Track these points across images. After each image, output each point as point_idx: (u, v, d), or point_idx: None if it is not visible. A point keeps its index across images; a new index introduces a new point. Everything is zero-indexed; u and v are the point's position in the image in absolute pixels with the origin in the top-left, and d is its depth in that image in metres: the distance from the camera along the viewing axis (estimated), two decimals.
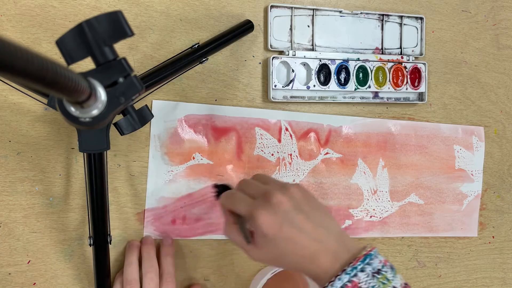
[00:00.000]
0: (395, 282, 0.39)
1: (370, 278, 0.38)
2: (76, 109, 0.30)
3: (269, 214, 0.39)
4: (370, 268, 0.38)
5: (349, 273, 0.37)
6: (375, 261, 0.39)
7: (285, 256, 0.40)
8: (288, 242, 0.39)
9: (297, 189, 0.42)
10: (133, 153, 0.53)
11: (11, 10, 0.50)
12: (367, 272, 0.38)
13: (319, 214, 0.41)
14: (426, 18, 0.64)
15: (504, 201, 0.69)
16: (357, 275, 0.37)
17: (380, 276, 0.38)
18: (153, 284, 0.48)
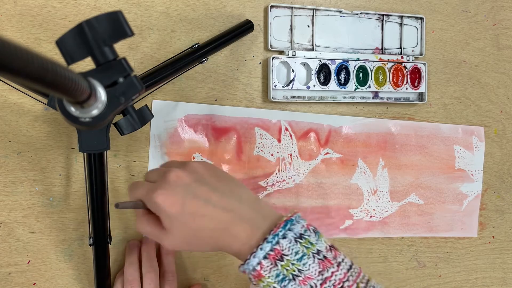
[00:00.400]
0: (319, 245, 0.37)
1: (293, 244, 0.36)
2: (76, 109, 0.30)
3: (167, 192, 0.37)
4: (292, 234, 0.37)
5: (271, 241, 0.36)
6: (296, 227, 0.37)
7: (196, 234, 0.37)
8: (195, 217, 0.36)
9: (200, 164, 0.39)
10: (133, 153, 0.53)
11: (11, 10, 0.50)
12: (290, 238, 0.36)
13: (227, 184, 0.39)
14: (426, 18, 0.64)
15: (504, 201, 0.69)
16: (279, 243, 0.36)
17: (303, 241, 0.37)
18: (153, 285, 0.48)
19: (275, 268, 0.36)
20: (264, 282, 0.36)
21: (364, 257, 0.62)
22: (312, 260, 0.36)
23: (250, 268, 0.36)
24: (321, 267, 0.36)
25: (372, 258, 0.62)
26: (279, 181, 0.58)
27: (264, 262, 0.36)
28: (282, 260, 0.36)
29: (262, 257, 0.36)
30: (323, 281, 0.36)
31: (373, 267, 0.62)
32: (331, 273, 0.36)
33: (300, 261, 0.36)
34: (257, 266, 0.36)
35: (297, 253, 0.36)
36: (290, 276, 0.35)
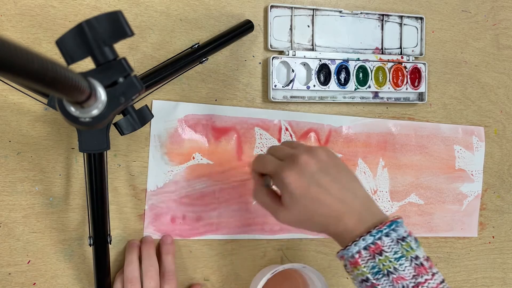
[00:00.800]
0: (418, 252, 0.39)
1: (395, 243, 0.38)
2: (76, 109, 0.30)
3: (296, 174, 0.40)
4: (395, 234, 0.39)
5: (374, 235, 0.38)
6: (400, 229, 0.39)
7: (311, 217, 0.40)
8: (314, 202, 0.40)
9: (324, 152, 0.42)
10: (133, 153, 0.53)
11: (11, 10, 0.50)
12: (392, 238, 0.38)
13: (346, 177, 0.42)
14: (426, 18, 0.64)
15: (504, 201, 0.69)
16: (381, 239, 0.38)
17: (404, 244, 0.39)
18: (153, 283, 0.48)
19: (372, 260, 0.38)
20: (359, 270, 0.39)
21: None
22: (409, 263, 0.38)
23: (349, 254, 0.39)
24: (416, 272, 0.38)
25: None
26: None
27: (363, 252, 0.38)
28: (381, 255, 0.38)
29: (362, 247, 0.38)
30: (416, 285, 0.37)
31: None
32: (425, 280, 0.38)
33: (397, 260, 0.38)
34: (356, 254, 0.39)
35: (396, 253, 0.38)
36: (385, 271, 0.38)
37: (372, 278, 0.38)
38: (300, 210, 0.40)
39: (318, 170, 0.41)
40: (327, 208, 0.40)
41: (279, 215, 0.42)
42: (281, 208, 0.42)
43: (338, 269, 0.61)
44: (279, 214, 0.42)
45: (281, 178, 0.40)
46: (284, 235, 0.58)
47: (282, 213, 0.42)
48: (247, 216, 0.57)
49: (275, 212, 0.42)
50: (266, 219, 0.58)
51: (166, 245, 0.53)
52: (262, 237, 0.58)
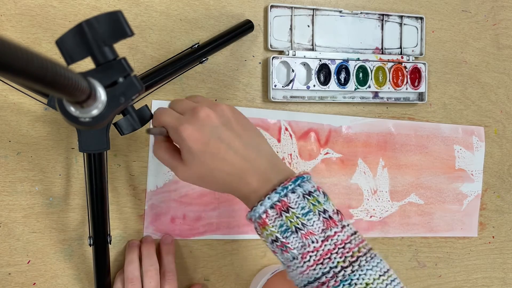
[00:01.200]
0: (326, 206, 0.38)
1: (301, 199, 0.37)
2: (76, 109, 0.30)
3: (195, 128, 0.38)
4: (301, 190, 0.38)
5: (279, 192, 0.37)
6: (307, 185, 0.38)
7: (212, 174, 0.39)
8: (215, 158, 0.38)
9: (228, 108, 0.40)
10: (133, 153, 0.53)
11: (11, 10, 0.49)
12: (298, 193, 0.37)
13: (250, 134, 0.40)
14: (426, 18, 0.64)
15: (504, 201, 0.69)
16: (287, 195, 0.37)
17: (311, 198, 0.37)
18: (154, 283, 0.48)
19: (279, 218, 0.37)
20: (268, 231, 0.37)
21: None
22: (317, 218, 0.37)
23: (256, 215, 0.38)
24: (325, 225, 0.37)
25: None
26: None
27: (270, 211, 0.37)
28: (287, 212, 0.37)
29: (268, 206, 0.37)
30: (325, 238, 0.36)
31: None
32: (334, 233, 0.37)
33: (305, 216, 0.37)
34: (263, 214, 0.37)
35: (303, 208, 0.37)
36: (293, 228, 0.36)
37: (281, 237, 0.37)
38: (199, 166, 0.38)
39: (219, 125, 0.39)
40: (228, 165, 0.38)
41: (178, 172, 0.40)
42: (180, 164, 0.40)
43: None
44: (178, 170, 0.40)
45: (178, 132, 0.38)
46: None
47: (181, 169, 0.40)
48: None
49: (174, 168, 0.40)
50: None
51: (166, 245, 0.53)
52: None
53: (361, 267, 0.36)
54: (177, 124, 0.38)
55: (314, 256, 0.36)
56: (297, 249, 0.37)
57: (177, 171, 0.40)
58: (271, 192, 0.37)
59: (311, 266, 0.36)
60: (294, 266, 0.37)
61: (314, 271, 0.36)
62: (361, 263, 0.36)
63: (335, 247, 0.36)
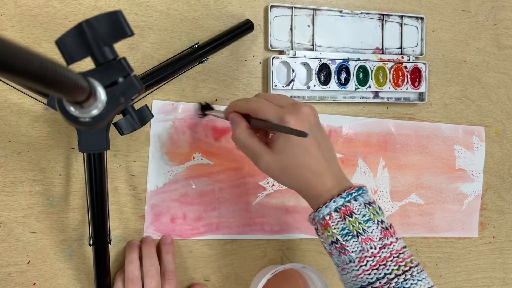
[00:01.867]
0: (383, 217, 0.40)
1: (362, 207, 0.40)
2: (76, 109, 0.29)
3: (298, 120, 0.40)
4: (362, 199, 0.40)
5: (344, 198, 0.40)
6: (366, 195, 0.41)
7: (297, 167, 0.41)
8: (306, 153, 0.41)
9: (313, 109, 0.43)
10: (133, 153, 0.53)
11: (11, 10, 0.49)
12: (360, 202, 0.40)
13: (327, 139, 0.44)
14: (427, 18, 0.64)
15: (505, 201, 0.69)
16: (351, 202, 0.40)
17: (371, 208, 0.40)
18: (154, 283, 0.48)
19: (342, 222, 0.39)
20: (329, 232, 0.40)
21: None
22: (376, 226, 0.39)
23: (320, 216, 0.40)
24: (383, 234, 0.39)
25: None
26: None
27: (334, 214, 0.40)
28: (351, 216, 0.39)
29: (333, 209, 0.39)
30: (382, 246, 0.39)
31: None
32: (390, 242, 0.39)
33: (366, 223, 0.39)
34: (326, 216, 0.40)
35: (364, 216, 0.39)
36: (355, 232, 0.39)
37: (341, 239, 0.39)
38: (289, 157, 0.40)
39: (315, 124, 0.42)
40: (314, 162, 0.41)
41: (263, 159, 0.41)
42: (267, 152, 0.41)
43: None
44: (264, 157, 0.41)
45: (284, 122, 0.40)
46: (284, 235, 0.58)
47: (267, 156, 0.41)
48: (247, 216, 0.57)
49: (260, 155, 0.41)
50: (266, 219, 0.58)
51: (166, 245, 0.53)
52: (262, 237, 0.58)
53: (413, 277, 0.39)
54: (281, 114, 0.40)
55: (371, 261, 0.38)
56: (355, 252, 0.39)
57: (261, 158, 0.42)
58: (337, 196, 0.40)
59: (367, 271, 0.39)
60: (349, 269, 0.40)
61: (369, 276, 0.39)
62: (412, 273, 0.39)
63: (390, 255, 0.39)
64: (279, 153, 0.41)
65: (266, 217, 0.58)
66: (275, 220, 0.58)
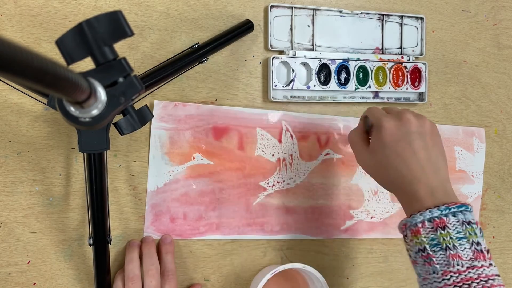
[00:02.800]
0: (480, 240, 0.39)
1: (460, 224, 0.39)
2: (76, 109, 0.30)
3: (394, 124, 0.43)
4: (462, 217, 0.40)
5: (441, 210, 0.40)
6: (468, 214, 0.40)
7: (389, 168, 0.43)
8: (397, 157, 0.43)
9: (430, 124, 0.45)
10: (133, 153, 0.53)
11: (11, 10, 0.49)
12: (459, 218, 0.39)
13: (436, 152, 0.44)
14: (427, 18, 0.64)
15: (505, 201, 0.69)
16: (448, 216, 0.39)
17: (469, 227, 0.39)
18: (155, 282, 0.48)
19: (434, 233, 0.39)
20: (418, 239, 0.40)
21: (364, 257, 0.62)
22: (469, 246, 0.38)
23: (412, 222, 0.41)
24: (475, 256, 0.38)
25: (372, 258, 0.62)
26: (279, 182, 0.58)
27: (427, 224, 0.40)
28: (443, 229, 0.39)
29: (427, 219, 0.40)
30: (471, 266, 0.38)
31: (373, 267, 0.62)
32: (481, 265, 0.38)
33: (458, 240, 0.39)
34: (419, 224, 0.40)
35: (459, 233, 0.39)
36: (444, 245, 0.39)
37: (429, 249, 0.39)
38: (381, 156, 0.43)
39: (415, 132, 0.43)
40: (405, 168, 0.42)
41: (361, 154, 0.46)
42: (365, 149, 0.46)
43: (338, 269, 0.61)
44: (361, 153, 0.46)
45: (380, 123, 0.44)
46: (284, 235, 0.58)
47: (364, 153, 0.45)
48: (247, 216, 0.57)
49: (360, 151, 0.46)
50: (266, 219, 0.58)
51: (165, 245, 0.53)
52: (262, 237, 0.58)
53: None
54: (382, 117, 0.45)
55: (455, 278, 0.38)
56: (440, 265, 0.39)
57: (361, 154, 0.47)
58: (434, 207, 0.40)
59: (449, 285, 0.38)
60: (431, 280, 0.39)
61: None
62: None
63: (478, 277, 0.38)
64: (373, 151, 0.45)
65: (266, 217, 0.58)
66: (275, 220, 0.58)
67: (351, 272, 0.61)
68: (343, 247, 0.61)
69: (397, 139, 0.43)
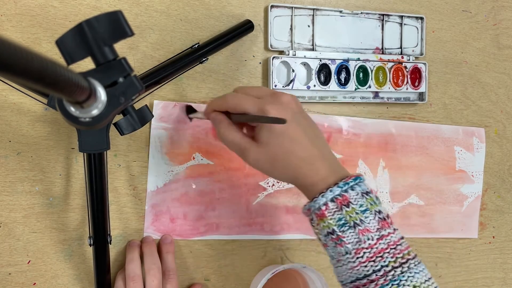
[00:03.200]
0: (380, 207, 0.39)
1: (360, 196, 0.38)
2: (76, 109, 0.30)
3: (279, 109, 0.39)
4: (359, 189, 0.39)
5: (341, 187, 0.38)
6: (363, 185, 0.39)
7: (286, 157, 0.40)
8: (293, 141, 0.39)
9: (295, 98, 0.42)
10: (133, 153, 0.53)
11: (11, 10, 0.49)
12: (357, 191, 0.38)
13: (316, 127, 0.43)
14: (427, 18, 0.64)
15: (505, 201, 0.69)
16: (348, 191, 0.38)
17: (368, 197, 0.39)
18: (156, 281, 0.48)
19: (339, 212, 0.38)
20: (325, 223, 0.38)
21: None
22: (373, 217, 0.38)
23: (316, 206, 0.39)
24: (380, 225, 0.38)
25: None
26: (279, 182, 0.58)
27: (330, 204, 0.38)
28: (348, 206, 0.38)
29: (329, 199, 0.38)
30: (380, 237, 0.37)
31: None
32: (388, 233, 0.38)
33: (363, 213, 0.38)
34: (322, 206, 0.38)
35: (362, 206, 0.38)
36: (352, 223, 0.37)
37: (338, 230, 0.38)
38: (276, 147, 0.39)
39: (298, 111, 0.41)
40: (303, 150, 0.39)
41: (251, 153, 0.40)
42: (254, 145, 0.40)
43: None
44: (251, 151, 0.40)
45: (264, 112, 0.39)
46: (284, 235, 0.58)
47: (255, 150, 0.40)
48: (247, 216, 0.57)
49: (247, 149, 0.41)
50: (266, 219, 0.58)
51: (166, 245, 0.53)
52: (262, 237, 0.58)
53: (410, 269, 0.37)
54: (261, 105, 0.40)
55: (368, 253, 0.37)
56: (351, 244, 0.37)
57: (249, 152, 0.41)
58: (333, 185, 0.38)
59: (363, 263, 0.37)
60: (345, 261, 0.38)
61: (365, 268, 0.37)
62: (410, 265, 0.37)
63: (387, 247, 0.37)
64: (265, 144, 0.40)
65: (266, 217, 0.58)
66: (275, 220, 0.58)
67: None
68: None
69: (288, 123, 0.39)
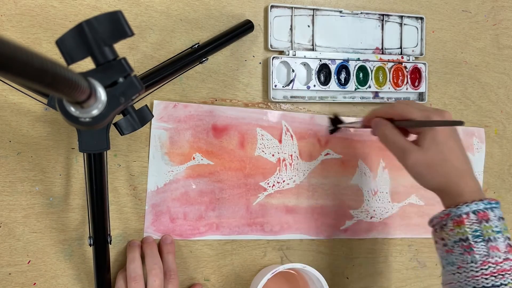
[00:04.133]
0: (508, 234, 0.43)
1: (497, 219, 0.43)
2: (76, 109, 0.30)
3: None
4: (498, 212, 0.43)
5: (485, 204, 0.43)
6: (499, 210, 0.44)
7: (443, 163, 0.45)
8: (451, 152, 0.45)
9: None
10: (133, 153, 0.53)
11: (11, 10, 0.50)
12: (496, 214, 0.43)
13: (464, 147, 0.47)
14: (426, 18, 0.64)
15: (504, 201, 0.69)
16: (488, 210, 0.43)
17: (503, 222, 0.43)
18: (158, 281, 0.48)
19: (477, 224, 0.42)
20: (461, 229, 0.43)
21: (364, 257, 0.62)
22: (503, 240, 0.42)
23: (457, 212, 0.43)
24: (507, 249, 0.42)
25: (372, 258, 0.62)
26: (279, 182, 0.58)
27: (472, 215, 0.42)
28: (487, 222, 0.42)
29: (472, 210, 0.42)
30: (506, 258, 0.41)
31: (373, 267, 0.62)
32: None
33: (497, 233, 0.42)
34: (464, 214, 0.43)
35: (497, 227, 0.42)
36: (486, 237, 0.42)
37: (471, 239, 0.42)
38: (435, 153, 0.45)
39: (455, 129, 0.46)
40: (459, 161, 0.45)
41: (411, 154, 0.45)
42: (415, 147, 0.46)
43: (338, 269, 0.61)
44: (412, 152, 0.45)
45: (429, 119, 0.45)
46: (284, 235, 0.58)
47: (416, 152, 0.45)
48: (247, 216, 0.57)
49: (409, 151, 0.46)
50: (266, 219, 0.58)
51: (166, 245, 0.53)
52: (262, 237, 0.58)
53: None
54: (427, 114, 0.45)
55: (493, 268, 0.41)
56: (480, 255, 0.42)
57: (410, 154, 0.46)
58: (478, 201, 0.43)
59: (486, 275, 0.41)
60: (467, 269, 0.42)
61: (486, 280, 0.41)
62: None
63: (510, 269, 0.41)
64: (426, 149, 0.45)
65: (266, 217, 0.58)
66: (275, 220, 0.58)
67: (351, 272, 0.61)
68: (343, 247, 0.61)
69: (448, 136, 0.45)
